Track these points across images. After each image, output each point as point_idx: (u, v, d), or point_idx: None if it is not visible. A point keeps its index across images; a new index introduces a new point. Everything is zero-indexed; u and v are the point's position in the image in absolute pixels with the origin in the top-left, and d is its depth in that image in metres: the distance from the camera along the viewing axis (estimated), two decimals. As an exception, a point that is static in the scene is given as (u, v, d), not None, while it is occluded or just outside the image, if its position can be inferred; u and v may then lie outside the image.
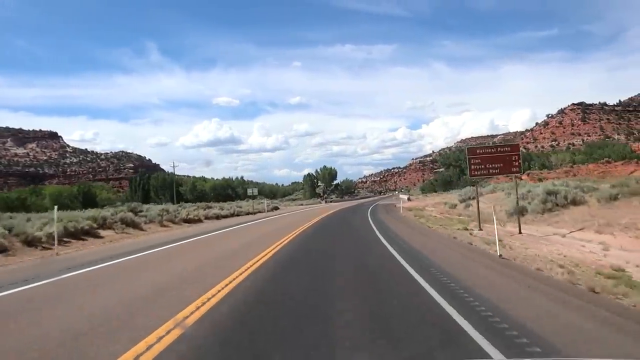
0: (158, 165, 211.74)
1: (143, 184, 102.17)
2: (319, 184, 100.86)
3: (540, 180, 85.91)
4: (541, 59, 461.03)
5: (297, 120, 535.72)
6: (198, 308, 6.12)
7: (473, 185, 27.61)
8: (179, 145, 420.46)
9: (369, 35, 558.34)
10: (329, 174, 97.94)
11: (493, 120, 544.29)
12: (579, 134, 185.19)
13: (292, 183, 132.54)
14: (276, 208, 49.55)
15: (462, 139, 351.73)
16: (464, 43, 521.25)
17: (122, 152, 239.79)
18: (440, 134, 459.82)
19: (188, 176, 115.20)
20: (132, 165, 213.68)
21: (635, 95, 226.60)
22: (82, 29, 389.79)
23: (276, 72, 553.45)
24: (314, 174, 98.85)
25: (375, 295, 7.03)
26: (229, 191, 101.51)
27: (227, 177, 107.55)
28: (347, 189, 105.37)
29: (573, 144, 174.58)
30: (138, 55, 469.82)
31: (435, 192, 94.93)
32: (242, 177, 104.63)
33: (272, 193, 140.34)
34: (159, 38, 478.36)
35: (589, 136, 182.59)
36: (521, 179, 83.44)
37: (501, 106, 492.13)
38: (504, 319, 5.20)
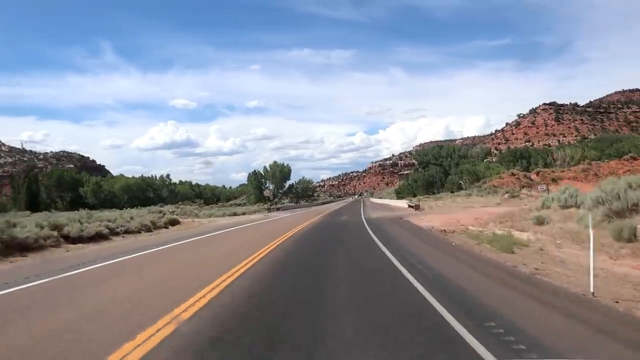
0: (103, 166, 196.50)
1: (29, 183, 75.14)
2: (267, 185, 78.40)
3: (554, 180, 66.11)
4: (494, 68, 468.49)
5: (255, 124, 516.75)
6: None
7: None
8: (133, 148, 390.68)
9: (328, 40, 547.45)
10: (281, 172, 76.07)
11: (448, 126, 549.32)
12: (554, 135, 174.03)
13: (240, 185, 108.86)
14: (173, 223, 27.02)
15: (420, 144, 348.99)
16: (421, 50, 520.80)
17: (63, 152, 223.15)
18: (397, 139, 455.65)
19: (103, 176, 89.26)
20: (72, 166, 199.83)
21: (605, 96, 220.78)
22: (31, 26, 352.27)
23: (234, 75, 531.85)
24: (262, 172, 76.87)
25: None
26: (150, 193, 77.06)
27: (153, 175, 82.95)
28: (304, 192, 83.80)
29: (549, 145, 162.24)
30: (92, 54, 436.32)
31: (415, 195, 74.96)
32: (167, 175, 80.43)
33: (215, 196, 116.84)
34: (114, 38, 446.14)
35: (564, 137, 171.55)
36: (531, 179, 63.80)
37: (456, 113, 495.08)
38: None
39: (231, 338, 4.44)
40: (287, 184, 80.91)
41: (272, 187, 78.40)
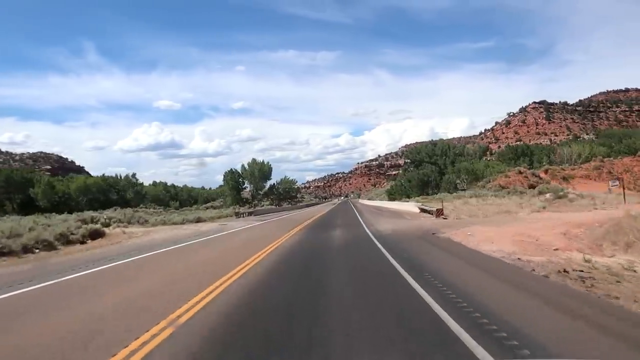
0: (82, 168, 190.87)
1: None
2: (245, 186, 70.25)
3: (565, 179, 59.62)
4: (478, 70, 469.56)
5: (240, 125, 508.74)
6: None
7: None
8: (117, 149, 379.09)
9: (313, 41, 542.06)
10: (260, 170, 67.92)
11: (433, 128, 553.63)
12: (545, 134, 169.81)
13: (219, 186, 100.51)
14: (95, 235, 19.04)
15: (405, 144, 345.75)
16: (406, 52, 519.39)
17: (41, 152, 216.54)
18: (382, 140, 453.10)
19: (61, 177, 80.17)
20: (49, 167, 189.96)
21: (590, 97, 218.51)
22: (12, 25, 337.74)
23: (219, 76, 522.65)
24: (240, 170, 68.57)
25: None
26: (113, 194, 68.36)
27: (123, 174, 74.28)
28: (287, 193, 75.80)
29: (540, 144, 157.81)
30: (75, 55, 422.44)
31: (409, 196, 67.85)
32: (133, 175, 71.79)
33: (192, 197, 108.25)
34: (97, 38, 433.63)
35: (556, 136, 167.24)
36: (540, 178, 56.95)
37: (441, 114, 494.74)
38: None
39: None
40: (267, 184, 72.95)
41: (250, 187, 70.30)
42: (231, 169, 68.12)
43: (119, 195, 68.87)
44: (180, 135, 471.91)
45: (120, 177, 71.74)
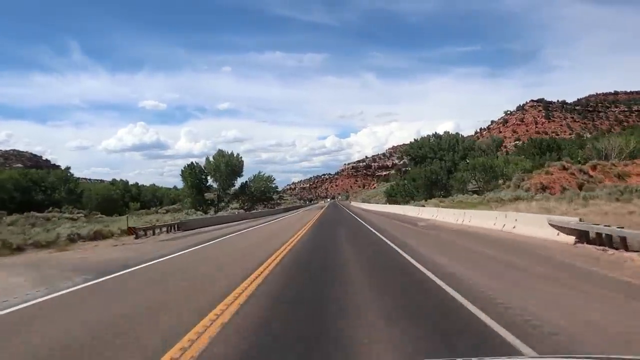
0: (58, 167, 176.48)
1: None
2: (209, 184, 55.76)
3: (620, 177, 46.32)
4: (464, 74, 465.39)
5: (226, 127, 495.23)
6: None
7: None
8: (101, 149, 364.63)
9: (300, 43, 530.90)
10: (228, 164, 53.32)
11: (419, 131, 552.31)
12: (546, 133, 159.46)
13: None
14: None
15: (392, 146, 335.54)
16: (393, 55, 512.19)
17: (13, 150, 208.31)
18: (368, 143, 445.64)
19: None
20: (21, 166, 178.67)
21: (591, 95, 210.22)
22: None
23: (206, 77, 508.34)
24: (203, 165, 54.12)
25: None
26: (36, 194, 53.46)
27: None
28: (263, 194, 60.99)
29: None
30: (59, 53, 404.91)
31: (413, 197, 54.46)
32: (67, 168, 56.96)
33: (157, 198, 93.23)
34: (82, 37, 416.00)
35: (557, 135, 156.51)
36: (590, 176, 44.54)
37: (427, 117, 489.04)
38: None
39: None
40: (238, 182, 58.56)
41: (216, 186, 55.86)
42: (191, 163, 53.53)
43: (46, 194, 53.95)
44: (166, 136, 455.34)
45: (49, 172, 56.67)
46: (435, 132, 74.69)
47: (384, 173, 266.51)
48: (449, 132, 73.00)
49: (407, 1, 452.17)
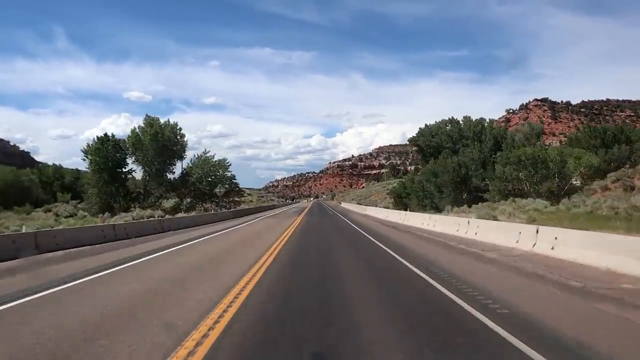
0: (27, 153, 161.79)
1: None
2: (131, 170, 37.53)
3: None
4: (452, 78, 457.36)
5: (212, 121, 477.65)
6: None
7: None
8: (83, 139, 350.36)
9: (289, 41, 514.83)
10: (156, 139, 34.30)
11: (405, 133, 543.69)
12: (553, 134, 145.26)
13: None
14: None
15: (378, 147, 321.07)
16: (382, 56, 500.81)
17: None
18: (354, 143, 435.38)
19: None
20: None
21: (596, 100, 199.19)
22: None
23: (193, 70, 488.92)
24: (126, 138, 35.84)
25: None
26: None
27: None
28: (214, 187, 41.93)
29: (549, 144, 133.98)
30: (43, 39, 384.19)
31: (433, 201, 37.06)
32: None
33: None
34: (68, 23, 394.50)
35: (565, 137, 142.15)
36: None
37: (413, 120, 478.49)
38: None
39: None
40: (177, 168, 40.37)
41: (141, 173, 37.70)
42: (101, 136, 35.09)
43: None
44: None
45: None
46: (453, 117, 57.78)
47: (373, 172, 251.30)
48: (470, 117, 56.10)
49: (397, 4, 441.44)
